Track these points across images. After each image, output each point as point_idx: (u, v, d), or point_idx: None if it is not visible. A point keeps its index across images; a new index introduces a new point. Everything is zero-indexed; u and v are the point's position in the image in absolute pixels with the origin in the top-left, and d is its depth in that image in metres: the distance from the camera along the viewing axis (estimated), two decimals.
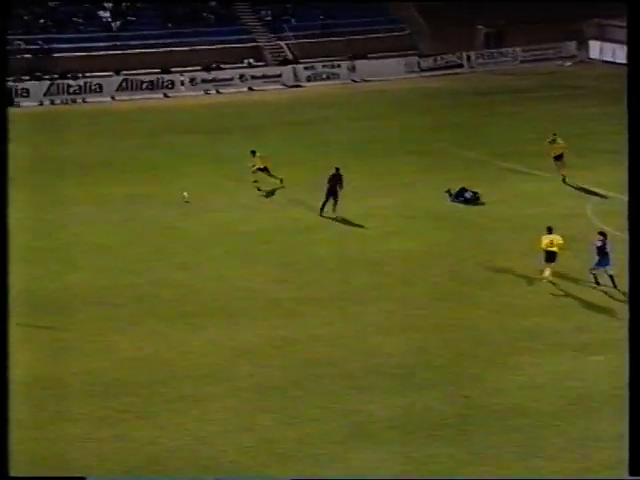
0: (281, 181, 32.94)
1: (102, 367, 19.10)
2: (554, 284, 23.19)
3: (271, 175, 32.91)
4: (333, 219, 29.34)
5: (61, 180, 34.41)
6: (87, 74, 57.00)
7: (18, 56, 57.51)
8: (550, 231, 23.44)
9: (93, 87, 56.50)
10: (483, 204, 30.48)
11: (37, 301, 22.73)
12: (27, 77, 56.51)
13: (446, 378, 18.59)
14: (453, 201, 30.77)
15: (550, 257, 23.14)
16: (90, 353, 19.77)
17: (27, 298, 22.94)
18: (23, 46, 58.51)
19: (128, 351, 19.83)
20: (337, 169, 30.22)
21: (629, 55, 10.11)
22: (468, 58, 60.92)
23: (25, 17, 60.60)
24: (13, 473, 9.87)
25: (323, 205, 29.63)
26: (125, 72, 57.54)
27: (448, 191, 30.77)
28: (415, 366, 19.16)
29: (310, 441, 16.42)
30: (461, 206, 30.45)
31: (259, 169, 32.95)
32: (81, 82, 56.28)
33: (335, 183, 29.92)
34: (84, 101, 55.34)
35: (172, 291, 23.42)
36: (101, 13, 62.24)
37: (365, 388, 18.25)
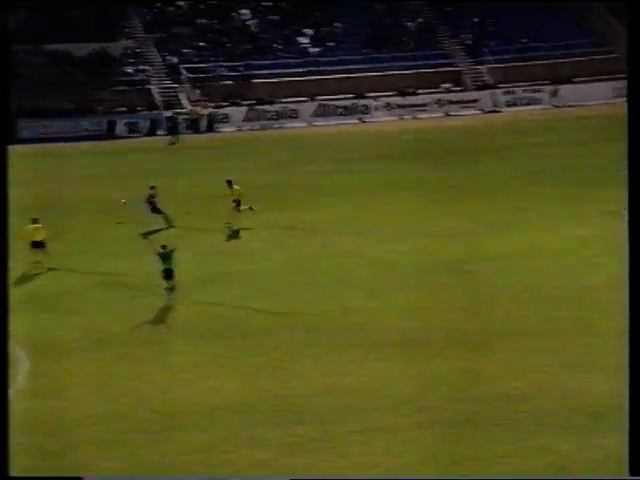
0: (229, 225, 31.70)
1: (292, 394, 19.04)
2: None
3: (238, 210, 31.91)
4: (532, 249, 28.57)
5: (254, 205, 35.05)
6: (283, 100, 58.13)
7: (220, 83, 59.30)
8: None
9: (289, 113, 57.52)
10: None
11: (226, 326, 23.05)
12: (227, 103, 58.12)
13: None
14: None
15: None
16: (280, 379, 19.75)
17: (216, 323, 23.31)
18: (225, 73, 60.24)
19: (318, 379, 19.70)
20: None
21: (629, 57, 10.05)
22: None
23: (228, 45, 62.39)
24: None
25: None
26: (320, 97, 58.33)
27: None
28: (617, 407, 18.19)
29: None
30: None
31: (234, 201, 32.07)
32: (278, 108, 57.41)
33: None
34: (281, 127, 56.32)
35: (362, 319, 23.21)
36: (300, 39, 63.35)
37: (561, 427, 17.44)
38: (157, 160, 47.57)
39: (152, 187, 33.10)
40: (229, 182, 32.57)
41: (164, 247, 25.04)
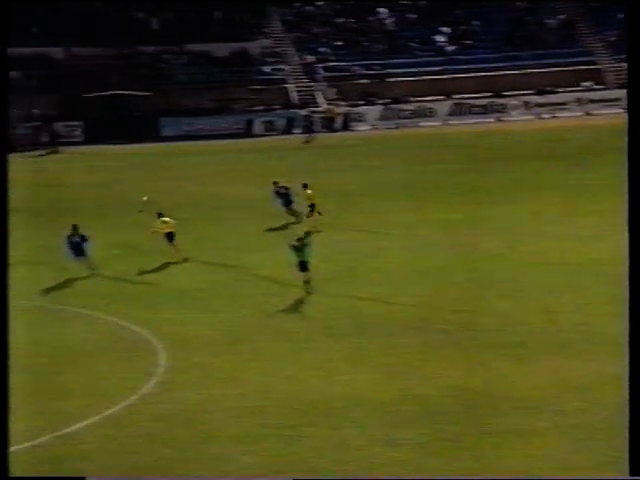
0: (319, 213, 31.66)
1: (425, 394, 18.97)
2: None
3: (315, 212, 31.60)
4: None
5: (387, 203, 35.10)
6: (419, 98, 58.02)
7: (356, 81, 59.57)
8: None
9: (425, 111, 57.37)
10: None
11: (359, 323, 23.16)
12: (362, 102, 58.34)
13: None
14: None
15: None
16: (413, 378, 19.70)
17: (349, 319, 23.40)
18: (361, 71, 60.47)
19: (451, 379, 19.58)
20: None
21: (629, 58, 10.06)
22: None
23: (364, 43, 62.60)
24: None
25: None
26: (456, 96, 58.00)
27: None
28: None
29: None
30: None
31: (309, 205, 31.64)
32: (413, 106, 57.36)
33: None
34: (416, 125, 56.22)
35: (497, 320, 22.98)
36: (437, 38, 63.13)
37: None
38: (293, 158, 48.05)
39: (275, 182, 33.79)
40: (305, 185, 32.52)
41: (299, 240, 25.38)
